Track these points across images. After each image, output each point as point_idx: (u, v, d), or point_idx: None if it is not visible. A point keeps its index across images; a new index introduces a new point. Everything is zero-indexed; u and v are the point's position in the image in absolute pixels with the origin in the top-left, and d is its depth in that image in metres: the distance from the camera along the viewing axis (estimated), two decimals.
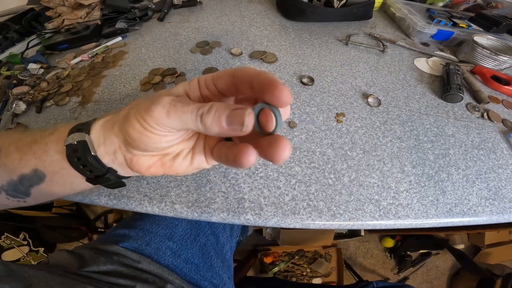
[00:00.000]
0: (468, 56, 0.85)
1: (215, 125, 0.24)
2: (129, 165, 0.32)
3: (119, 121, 0.29)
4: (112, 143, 0.30)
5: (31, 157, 0.32)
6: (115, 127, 0.29)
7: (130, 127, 0.27)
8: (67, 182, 0.35)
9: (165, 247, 0.61)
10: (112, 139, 0.30)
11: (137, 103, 0.27)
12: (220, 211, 0.47)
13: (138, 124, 0.26)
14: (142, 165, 0.32)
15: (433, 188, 0.53)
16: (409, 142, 0.60)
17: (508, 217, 0.51)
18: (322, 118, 0.63)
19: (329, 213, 0.48)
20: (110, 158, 0.31)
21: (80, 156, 0.30)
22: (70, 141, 0.30)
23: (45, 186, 0.34)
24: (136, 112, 0.26)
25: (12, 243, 1.38)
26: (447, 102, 0.71)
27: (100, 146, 0.31)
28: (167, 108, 0.25)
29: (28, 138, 0.34)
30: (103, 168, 0.32)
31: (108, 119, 0.31)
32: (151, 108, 0.25)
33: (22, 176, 0.33)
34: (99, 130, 0.31)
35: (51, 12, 0.93)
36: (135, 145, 0.28)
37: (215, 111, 0.24)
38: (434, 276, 1.73)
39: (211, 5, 1.07)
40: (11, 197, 0.36)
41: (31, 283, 0.38)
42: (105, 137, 0.30)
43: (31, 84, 0.72)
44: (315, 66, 0.78)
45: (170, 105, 0.25)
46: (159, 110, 0.25)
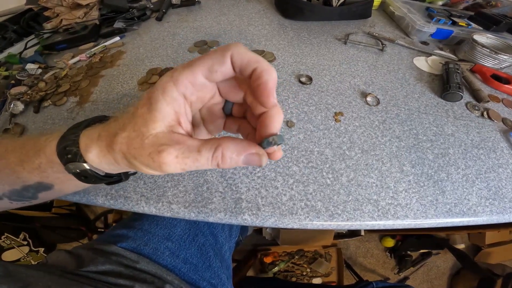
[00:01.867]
0: (468, 55, 0.84)
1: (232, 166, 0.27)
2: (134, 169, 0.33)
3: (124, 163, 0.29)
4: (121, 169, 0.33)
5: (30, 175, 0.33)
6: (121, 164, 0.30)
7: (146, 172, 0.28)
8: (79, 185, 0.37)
9: (164, 247, 0.61)
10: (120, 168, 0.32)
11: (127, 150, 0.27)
12: (217, 211, 0.47)
13: (152, 171, 0.27)
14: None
15: (433, 188, 0.53)
16: (408, 142, 0.60)
17: (508, 217, 0.51)
18: (320, 117, 0.63)
19: (327, 213, 0.48)
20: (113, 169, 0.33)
21: (92, 178, 0.33)
22: (73, 171, 0.31)
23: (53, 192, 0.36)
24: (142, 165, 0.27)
25: (12, 243, 1.38)
26: (447, 101, 0.70)
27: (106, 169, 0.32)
28: (179, 167, 0.26)
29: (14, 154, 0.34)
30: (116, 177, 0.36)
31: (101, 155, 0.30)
32: (163, 168, 0.26)
33: (26, 186, 0.34)
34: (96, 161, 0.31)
35: (49, 12, 0.93)
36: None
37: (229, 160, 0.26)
38: (434, 276, 1.72)
39: (210, 5, 1.07)
40: (15, 201, 0.36)
41: (28, 284, 0.38)
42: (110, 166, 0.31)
43: (29, 84, 0.72)
44: (313, 65, 0.78)
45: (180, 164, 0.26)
46: (173, 169, 0.26)
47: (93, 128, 0.32)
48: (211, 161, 0.26)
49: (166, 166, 0.25)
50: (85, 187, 0.39)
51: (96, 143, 0.30)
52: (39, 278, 0.41)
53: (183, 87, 0.26)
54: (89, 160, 0.30)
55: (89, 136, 0.31)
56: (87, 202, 0.49)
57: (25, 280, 0.39)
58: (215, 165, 0.26)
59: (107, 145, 0.29)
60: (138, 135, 0.26)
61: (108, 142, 0.29)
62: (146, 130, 0.26)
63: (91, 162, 0.31)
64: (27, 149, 0.33)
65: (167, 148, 0.25)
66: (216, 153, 0.26)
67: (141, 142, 0.26)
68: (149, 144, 0.26)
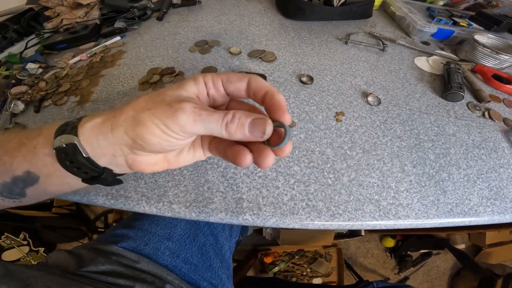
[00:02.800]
0: (469, 55, 0.84)
1: (238, 133, 0.27)
2: (130, 166, 0.32)
3: (124, 124, 0.28)
4: (110, 145, 0.30)
5: (21, 160, 0.32)
6: (117, 131, 0.28)
7: (148, 132, 0.27)
8: (63, 182, 0.35)
9: (164, 247, 0.61)
10: (111, 142, 0.29)
11: (144, 104, 0.28)
12: (218, 211, 0.47)
13: (159, 130, 0.27)
14: (146, 164, 0.32)
15: (434, 188, 0.52)
16: (409, 141, 0.60)
17: (509, 217, 0.51)
18: (321, 117, 0.63)
19: (328, 213, 0.48)
20: (107, 159, 0.31)
21: (72, 159, 0.30)
22: (58, 144, 0.29)
23: (40, 186, 0.34)
24: (154, 117, 0.26)
25: (12, 243, 1.38)
26: (448, 101, 0.70)
27: (94, 148, 0.30)
28: (193, 117, 0.26)
29: (15, 140, 0.33)
30: (98, 169, 0.32)
31: (101, 121, 0.30)
32: (176, 115, 0.26)
33: (15, 178, 0.33)
34: (90, 131, 0.30)
35: (50, 12, 0.93)
36: (148, 149, 0.29)
37: (238, 120, 0.27)
38: (434, 276, 1.72)
39: (210, 4, 1.07)
40: (6, 198, 0.35)
41: (28, 284, 0.38)
42: (100, 139, 0.29)
43: (30, 84, 0.72)
44: (314, 65, 0.78)
45: (195, 114, 0.26)
46: (185, 118, 0.26)
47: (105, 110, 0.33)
48: (222, 119, 0.27)
49: (182, 112, 0.26)
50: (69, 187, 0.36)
51: (103, 114, 0.31)
52: (39, 278, 0.41)
53: (207, 79, 0.30)
54: (82, 131, 0.30)
55: (99, 112, 0.31)
56: (87, 202, 0.49)
57: (25, 280, 0.38)
58: (225, 123, 0.27)
59: (117, 112, 0.29)
60: (160, 94, 0.28)
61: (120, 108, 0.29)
62: (171, 92, 0.28)
63: (83, 133, 0.29)
64: (30, 133, 0.33)
65: (188, 100, 0.27)
66: (228, 113, 0.27)
67: (163, 97, 0.28)
68: (171, 98, 0.27)
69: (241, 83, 0.30)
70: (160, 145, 0.28)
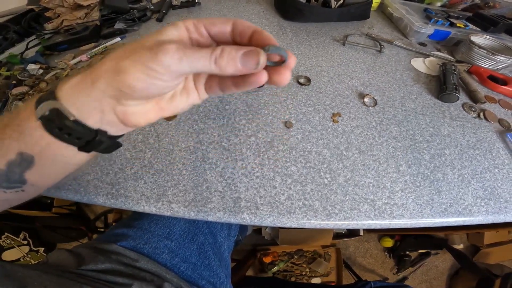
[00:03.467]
0: (465, 56, 0.85)
1: (230, 66, 0.26)
2: (123, 120, 0.30)
3: (105, 75, 0.26)
4: (95, 101, 0.28)
5: (10, 141, 0.30)
6: (99, 83, 0.27)
7: (132, 78, 0.25)
8: (58, 156, 0.32)
9: (163, 246, 0.61)
10: (95, 97, 0.27)
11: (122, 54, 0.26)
12: (216, 210, 0.48)
13: (143, 75, 0.25)
14: (139, 115, 0.30)
15: (429, 188, 0.53)
16: (404, 142, 0.60)
17: (503, 217, 0.52)
18: (318, 118, 0.64)
19: (324, 213, 0.48)
20: (96, 118, 0.29)
21: (60, 126, 0.28)
22: (41, 112, 0.28)
23: (37, 168, 0.32)
24: (135, 63, 0.25)
25: (12, 243, 1.38)
26: (443, 102, 0.71)
27: (79, 108, 0.28)
28: (177, 55, 0.25)
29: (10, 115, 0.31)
30: (91, 131, 0.30)
31: (80, 79, 0.28)
32: (158, 57, 0.25)
33: (9, 163, 0.31)
34: (70, 92, 0.28)
35: (51, 13, 0.94)
36: (136, 96, 0.28)
37: (228, 53, 0.26)
38: (433, 276, 1.72)
39: (210, 6, 1.07)
40: (8, 189, 0.34)
41: (25, 284, 0.38)
42: (82, 97, 0.28)
43: (30, 85, 0.72)
44: (312, 66, 0.78)
45: (179, 52, 0.25)
46: (169, 58, 0.25)
47: None
48: (211, 53, 0.26)
49: (165, 52, 0.25)
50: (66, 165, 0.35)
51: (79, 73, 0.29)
52: (36, 277, 0.41)
53: (187, 23, 0.29)
54: (61, 94, 0.28)
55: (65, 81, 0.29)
56: (88, 201, 0.49)
57: (21, 280, 0.39)
58: (214, 58, 0.26)
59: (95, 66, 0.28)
60: (138, 42, 0.27)
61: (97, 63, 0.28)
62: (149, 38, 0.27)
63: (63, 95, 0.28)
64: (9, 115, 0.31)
65: (169, 41, 0.26)
66: (216, 49, 0.26)
67: (142, 44, 0.26)
68: (150, 43, 0.26)
69: (226, 25, 0.30)
70: (147, 90, 0.27)
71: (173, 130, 0.59)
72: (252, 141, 0.58)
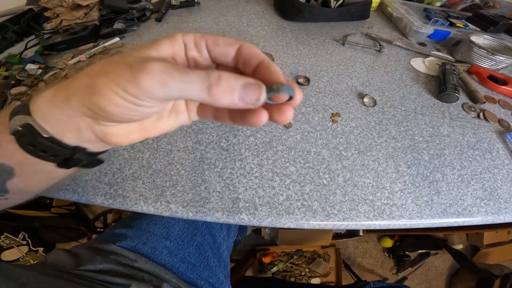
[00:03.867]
0: (465, 56, 0.85)
1: (226, 98, 0.22)
2: (103, 139, 0.27)
3: (78, 93, 0.23)
4: (70, 119, 0.25)
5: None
6: (73, 101, 0.23)
7: (106, 101, 0.22)
8: (39, 171, 0.30)
9: (162, 247, 0.61)
10: (69, 115, 0.25)
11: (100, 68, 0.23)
12: (214, 210, 0.48)
13: (118, 98, 0.21)
14: (119, 136, 0.28)
15: (428, 188, 0.53)
16: (404, 142, 0.60)
17: (503, 218, 0.52)
18: (317, 118, 0.64)
19: (323, 213, 0.48)
20: (73, 135, 0.26)
21: (32, 142, 0.26)
22: (13, 127, 0.25)
23: (19, 179, 0.30)
24: (111, 82, 0.21)
25: (11, 243, 1.38)
26: (443, 102, 0.71)
27: (53, 125, 0.25)
28: (160, 78, 0.21)
29: None
30: (67, 149, 0.27)
31: (53, 93, 0.25)
32: (137, 78, 0.20)
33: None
34: (43, 107, 0.25)
35: (50, 13, 0.94)
36: (112, 119, 0.24)
37: (226, 82, 0.21)
38: (432, 276, 1.72)
39: (209, 6, 1.07)
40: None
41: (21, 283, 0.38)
42: (56, 114, 0.25)
43: (29, 85, 0.72)
44: (311, 66, 0.78)
45: (163, 74, 0.21)
46: (150, 80, 0.20)
47: None
48: (204, 80, 0.21)
49: (145, 73, 0.20)
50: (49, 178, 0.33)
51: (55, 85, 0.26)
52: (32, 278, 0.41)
53: (187, 38, 0.25)
54: (34, 108, 0.25)
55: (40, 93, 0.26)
56: (86, 201, 0.49)
57: (18, 280, 0.39)
58: (206, 86, 0.21)
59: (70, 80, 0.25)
60: (122, 56, 0.23)
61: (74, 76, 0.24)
62: (137, 53, 0.23)
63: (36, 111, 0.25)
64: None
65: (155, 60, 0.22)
66: (212, 74, 0.21)
67: (125, 58, 0.22)
68: (134, 59, 0.22)
69: (230, 47, 0.26)
70: (125, 115, 0.23)
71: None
72: (251, 141, 0.58)
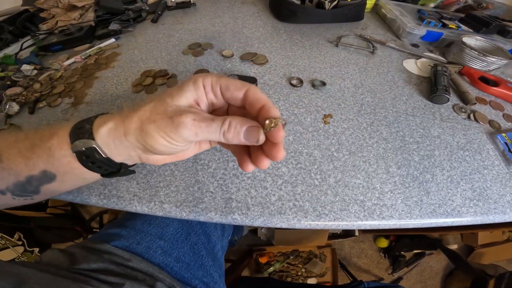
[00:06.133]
0: (457, 57, 0.86)
1: (235, 140, 0.30)
2: (144, 161, 0.37)
3: (135, 133, 0.31)
4: (126, 149, 0.33)
5: (37, 161, 0.34)
6: (130, 137, 0.32)
7: (155, 142, 0.30)
8: (80, 178, 0.38)
9: (156, 246, 0.62)
10: (126, 145, 0.33)
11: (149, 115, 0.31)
12: (208, 210, 0.48)
13: (165, 141, 0.30)
14: (157, 160, 0.37)
15: (418, 189, 0.54)
16: (394, 143, 0.61)
17: (492, 218, 0.52)
18: (309, 119, 0.64)
19: (314, 213, 0.49)
20: (123, 158, 0.35)
21: (93, 160, 0.33)
22: (79, 148, 0.32)
23: (56, 184, 0.36)
24: (159, 130, 0.30)
25: (7, 243, 1.38)
26: (434, 103, 0.72)
27: (111, 150, 0.33)
28: (194, 130, 0.29)
29: (26, 142, 0.35)
30: (116, 165, 0.35)
31: (114, 126, 0.33)
32: (178, 130, 0.29)
33: (30, 177, 0.35)
34: (106, 136, 0.33)
35: (45, 14, 0.94)
36: (156, 152, 0.33)
37: (234, 129, 0.30)
38: (428, 276, 1.73)
39: (205, 7, 1.08)
40: (18, 197, 0.37)
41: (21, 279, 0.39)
42: (116, 143, 0.33)
43: (24, 85, 0.72)
44: (304, 67, 0.79)
45: (195, 127, 0.29)
46: (187, 132, 0.29)
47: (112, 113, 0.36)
48: (220, 127, 0.30)
49: (184, 127, 0.29)
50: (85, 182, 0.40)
51: (113, 118, 0.33)
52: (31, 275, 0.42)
53: (206, 82, 0.32)
54: (98, 136, 0.32)
55: (108, 116, 0.34)
56: (80, 201, 0.49)
57: (19, 277, 0.40)
58: (222, 132, 0.30)
59: (126, 117, 0.32)
60: (163, 104, 0.31)
61: (128, 114, 0.32)
62: (171, 101, 0.31)
63: (100, 138, 0.32)
64: (41, 134, 0.35)
65: (187, 112, 0.30)
66: (225, 122, 0.30)
67: (165, 109, 0.30)
68: (172, 110, 0.30)
69: (239, 92, 0.32)
70: (168, 151, 0.32)
71: None
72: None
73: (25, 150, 0.34)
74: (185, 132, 0.29)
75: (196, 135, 0.30)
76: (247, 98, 0.32)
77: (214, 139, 0.31)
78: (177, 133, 0.29)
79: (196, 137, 0.30)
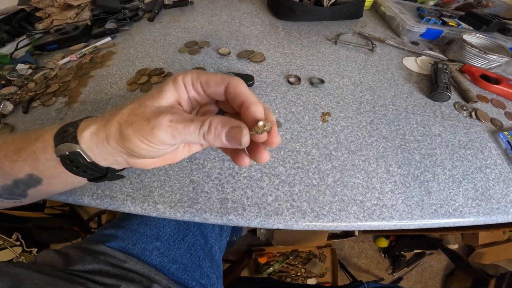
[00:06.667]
0: (457, 55, 0.85)
1: (217, 142, 0.28)
2: (132, 165, 0.35)
3: (115, 137, 0.30)
4: (110, 153, 0.32)
5: (22, 164, 0.33)
6: (111, 142, 0.30)
7: (134, 146, 0.29)
8: (67, 182, 0.38)
9: (152, 247, 0.61)
10: (109, 150, 0.31)
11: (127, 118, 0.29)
12: (203, 211, 0.47)
13: (144, 144, 0.28)
14: (146, 164, 0.35)
15: (419, 189, 0.53)
16: (395, 142, 0.60)
17: (495, 218, 0.51)
18: (307, 117, 0.63)
19: (312, 214, 0.48)
20: (109, 162, 0.34)
21: (78, 165, 0.33)
22: (62, 152, 0.32)
23: (43, 187, 0.36)
24: (137, 133, 0.28)
25: (5, 244, 1.38)
26: (435, 101, 0.71)
27: (95, 154, 0.32)
28: (170, 131, 0.27)
29: (13, 145, 0.34)
30: (103, 169, 0.35)
31: (96, 130, 0.32)
32: (154, 133, 0.27)
33: (17, 181, 0.34)
34: (89, 140, 0.32)
35: (41, 13, 0.93)
36: (140, 156, 0.31)
37: (214, 130, 0.27)
38: (428, 276, 1.73)
39: (202, 5, 1.07)
40: (6, 200, 0.37)
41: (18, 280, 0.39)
42: (99, 148, 0.32)
43: (19, 85, 0.72)
44: (302, 65, 0.78)
45: (172, 128, 0.27)
46: (164, 134, 0.27)
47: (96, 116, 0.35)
48: (200, 128, 0.27)
49: (159, 129, 0.27)
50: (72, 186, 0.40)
51: (96, 121, 0.32)
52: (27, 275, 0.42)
53: (186, 80, 0.30)
54: (81, 140, 0.31)
55: (92, 119, 0.33)
56: (73, 201, 0.48)
57: (15, 277, 0.39)
58: (202, 134, 0.27)
59: (108, 120, 0.31)
60: (141, 105, 0.29)
61: (109, 118, 0.31)
62: (151, 103, 0.29)
63: (84, 142, 0.31)
64: (28, 137, 0.34)
65: (164, 114, 0.28)
66: (205, 123, 0.27)
67: (143, 111, 0.29)
68: (151, 111, 0.28)
69: (219, 88, 0.30)
70: (149, 154, 0.30)
71: None
72: None
73: (12, 153, 0.34)
74: (162, 135, 0.27)
75: (173, 137, 0.28)
76: (228, 93, 0.30)
77: (193, 141, 0.28)
78: (153, 136, 0.27)
79: (174, 140, 0.28)
